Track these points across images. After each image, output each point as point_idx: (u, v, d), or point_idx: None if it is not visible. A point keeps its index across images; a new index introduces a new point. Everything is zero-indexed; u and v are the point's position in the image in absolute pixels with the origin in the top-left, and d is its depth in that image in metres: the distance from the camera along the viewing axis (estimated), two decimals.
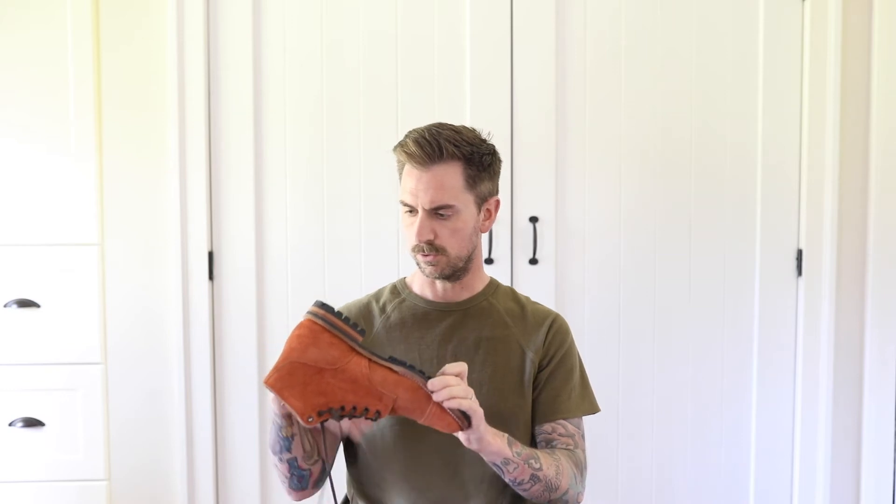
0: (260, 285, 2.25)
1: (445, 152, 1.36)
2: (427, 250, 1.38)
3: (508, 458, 1.30)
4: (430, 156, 1.35)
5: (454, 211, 1.38)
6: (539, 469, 1.33)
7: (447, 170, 1.36)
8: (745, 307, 2.32)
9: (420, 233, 1.37)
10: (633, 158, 2.28)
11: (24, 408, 2.20)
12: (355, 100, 2.24)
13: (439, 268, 1.40)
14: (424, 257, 1.40)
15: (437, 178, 1.36)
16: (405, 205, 1.39)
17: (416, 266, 1.45)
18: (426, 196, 1.36)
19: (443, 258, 1.39)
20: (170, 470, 2.26)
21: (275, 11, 2.22)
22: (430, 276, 1.42)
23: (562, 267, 2.27)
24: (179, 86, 2.18)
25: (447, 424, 1.24)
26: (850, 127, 2.28)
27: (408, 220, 1.40)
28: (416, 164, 1.36)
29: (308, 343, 1.24)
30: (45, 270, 2.18)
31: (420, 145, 1.35)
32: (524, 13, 2.22)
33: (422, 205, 1.36)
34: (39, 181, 2.18)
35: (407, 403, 1.24)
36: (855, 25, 2.26)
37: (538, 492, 1.35)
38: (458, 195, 1.38)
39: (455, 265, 1.41)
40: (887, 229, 2.28)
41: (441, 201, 1.36)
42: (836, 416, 2.30)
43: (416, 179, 1.36)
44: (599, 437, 2.27)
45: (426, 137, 1.36)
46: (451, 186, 1.37)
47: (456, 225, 1.39)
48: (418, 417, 1.25)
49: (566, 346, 1.48)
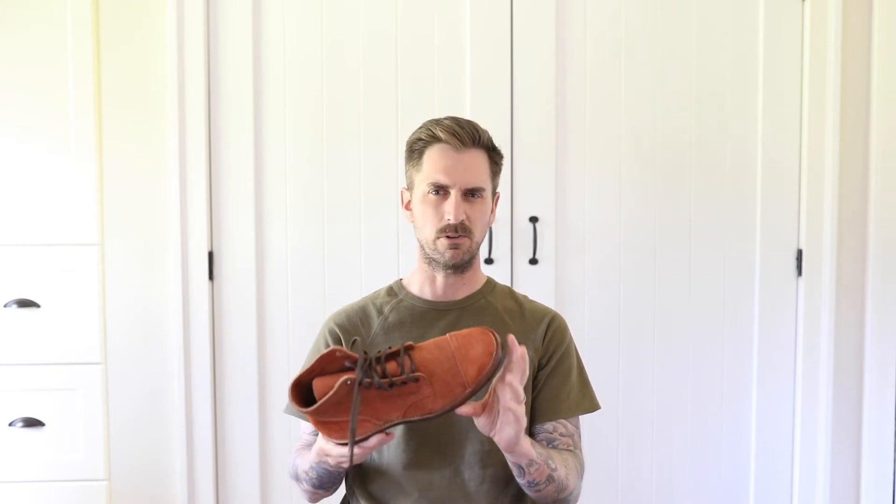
0: (260, 285, 2.25)
1: (482, 139, 1.43)
2: (458, 231, 1.40)
3: (533, 459, 1.30)
4: (467, 139, 1.41)
5: (483, 195, 1.43)
6: (554, 469, 1.34)
7: (478, 156, 1.43)
8: (745, 307, 2.32)
9: (457, 211, 1.39)
10: (633, 158, 2.28)
11: (24, 408, 2.20)
12: (355, 100, 2.24)
13: (461, 251, 1.42)
14: (451, 239, 1.41)
15: (473, 161, 1.42)
16: (436, 185, 1.41)
17: (425, 261, 1.45)
18: (465, 176, 1.40)
19: (467, 241, 1.42)
20: (170, 470, 2.26)
21: (275, 11, 2.22)
22: (449, 260, 1.42)
23: (562, 267, 2.27)
24: (179, 86, 2.18)
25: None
26: (850, 127, 2.28)
27: (433, 200, 1.41)
28: (454, 146, 1.40)
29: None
30: (45, 270, 2.18)
31: (461, 124, 1.41)
32: (524, 13, 2.22)
33: (459, 185, 1.40)
34: (39, 181, 2.18)
35: (435, 359, 1.23)
36: (855, 25, 2.26)
37: (550, 492, 1.35)
38: (487, 181, 1.44)
39: (473, 252, 1.45)
40: (887, 229, 2.28)
41: (476, 183, 1.41)
42: (836, 415, 2.30)
43: (454, 161, 1.40)
44: (599, 437, 2.27)
45: (461, 124, 1.42)
46: (483, 171, 1.43)
47: (483, 208, 1.44)
48: (448, 368, 1.23)
49: (565, 345, 1.48)
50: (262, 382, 2.26)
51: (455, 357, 1.23)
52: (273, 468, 2.28)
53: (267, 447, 2.28)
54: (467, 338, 1.25)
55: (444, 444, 1.39)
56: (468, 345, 1.24)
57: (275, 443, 2.27)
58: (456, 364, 1.23)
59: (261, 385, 2.26)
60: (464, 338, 1.25)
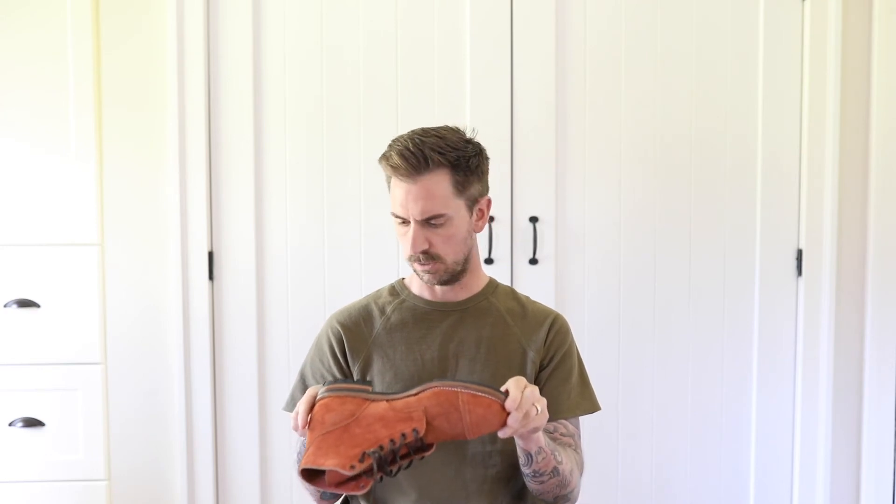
0: (260, 285, 2.25)
1: (431, 162, 1.34)
2: (424, 260, 1.39)
3: (542, 447, 1.30)
4: (416, 167, 1.34)
5: (446, 219, 1.37)
6: (560, 462, 1.34)
7: (434, 179, 1.35)
8: (745, 307, 2.32)
9: (414, 244, 1.37)
10: (633, 158, 2.28)
11: (24, 408, 2.20)
12: (355, 99, 2.24)
13: (437, 275, 1.41)
14: (422, 266, 1.40)
15: (426, 188, 1.35)
16: (397, 216, 1.39)
17: (414, 271, 1.45)
18: (416, 207, 1.35)
19: (440, 265, 1.40)
20: (170, 470, 2.26)
21: (275, 11, 2.22)
22: (429, 283, 1.43)
23: (562, 267, 2.27)
24: (179, 85, 2.18)
25: (487, 405, 1.21)
26: (850, 127, 2.28)
27: (401, 230, 1.40)
28: (402, 177, 1.35)
29: (323, 413, 1.24)
30: (45, 270, 2.18)
31: (405, 157, 1.34)
32: (524, 13, 2.22)
33: (413, 216, 1.36)
34: (39, 181, 2.18)
35: (437, 409, 1.22)
36: (855, 25, 2.26)
37: (553, 486, 1.35)
38: (449, 202, 1.37)
39: (453, 270, 1.42)
40: (887, 229, 2.28)
41: (432, 211, 1.36)
42: (836, 415, 2.31)
43: (405, 192, 1.35)
44: (599, 437, 2.27)
45: (410, 149, 1.34)
46: (440, 195, 1.36)
47: (449, 232, 1.38)
48: (455, 417, 1.21)
49: (567, 345, 1.48)
50: (262, 382, 2.26)
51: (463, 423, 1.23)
52: (273, 468, 2.28)
53: (267, 447, 2.28)
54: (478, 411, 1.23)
55: (445, 444, 1.39)
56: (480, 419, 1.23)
57: (275, 443, 2.27)
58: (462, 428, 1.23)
59: (261, 385, 2.26)
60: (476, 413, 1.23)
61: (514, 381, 1.24)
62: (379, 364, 1.45)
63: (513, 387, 1.22)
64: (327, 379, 1.45)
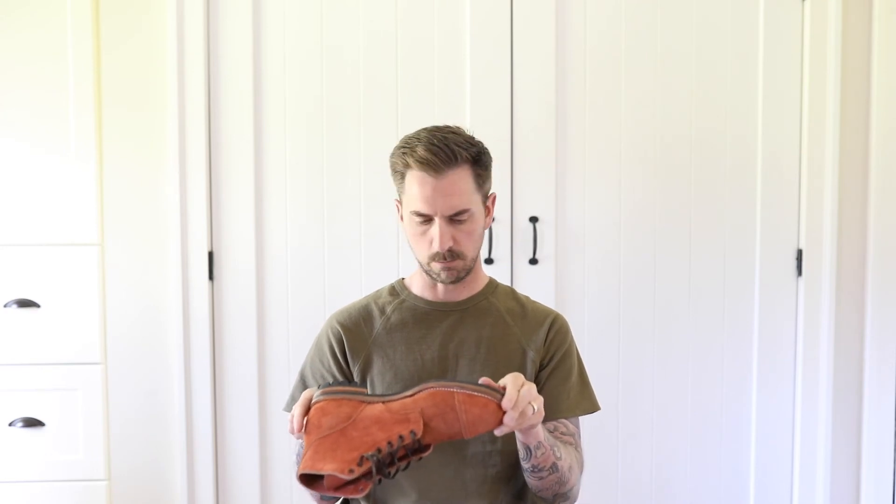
0: (260, 285, 2.25)
1: (459, 157, 1.34)
2: (449, 257, 1.38)
3: (541, 441, 1.30)
4: (446, 161, 1.33)
5: (469, 214, 1.37)
6: (560, 458, 1.34)
7: (460, 174, 1.35)
8: (745, 307, 2.32)
9: (443, 241, 1.35)
10: (633, 158, 2.28)
11: (24, 408, 2.20)
12: (355, 100, 2.24)
13: (456, 272, 1.40)
14: (444, 264, 1.38)
15: (452, 183, 1.34)
16: (419, 214, 1.37)
17: (423, 272, 1.44)
18: (445, 203, 1.34)
19: (460, 262, 1.39)
20: (170, 470, 2.26)
21: (275, 11, 2.22)
22: (445, 281, 1.42)
23: (562, 267, 2.27)
24: (179, 85, 2.18)
25: (483, 404, 1.21)
26: (850, 127, 2.28)
27: (420, 229, 1.38)
28: (430, 172, 1.33)
29: (319, 416, 1.24)
30: (45, 270, 2.18)
31: (433, 152, 1.33)
32: (524, 13, 2.22)
33: (441, 212, 1.35)
34: (39, 181, 2.18)
35: (433, 409, 1.22)
36: (855, 25, 2.26)
37: (551, 482, 1.35)
38: (472, 197, 1.37)
39: (469, 267, 1.42)
40: (887, 229, 2.28)
41: (459, 206, 1.35)
42: (836, 415, 2.31)
43: (432, 188, 1.34)
44: (599, 436, 2.27)
45: (436, 144, 1.33)
46: (466, 190, 1.36)
47: (471, 227, 1.38)
48: (452, 417, 1.22)
49: (566, 345, 1.48)
50: (262, 382, 2.26)
51: (460, 423, 1.23)
52: (273, 468, 2.28)
53: (267, 447, 2.28)
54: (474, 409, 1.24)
55: (445, 445, 1.39)
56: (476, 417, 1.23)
57: (275, 443, 2.27)
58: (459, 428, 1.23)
59: (261, 385, 2.26)
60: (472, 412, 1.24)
61: (512, 378, 1.23)
62: (379, 364, 1.45)
63: (510, 384, 1.22)
64: (327, 379, 1.45)
